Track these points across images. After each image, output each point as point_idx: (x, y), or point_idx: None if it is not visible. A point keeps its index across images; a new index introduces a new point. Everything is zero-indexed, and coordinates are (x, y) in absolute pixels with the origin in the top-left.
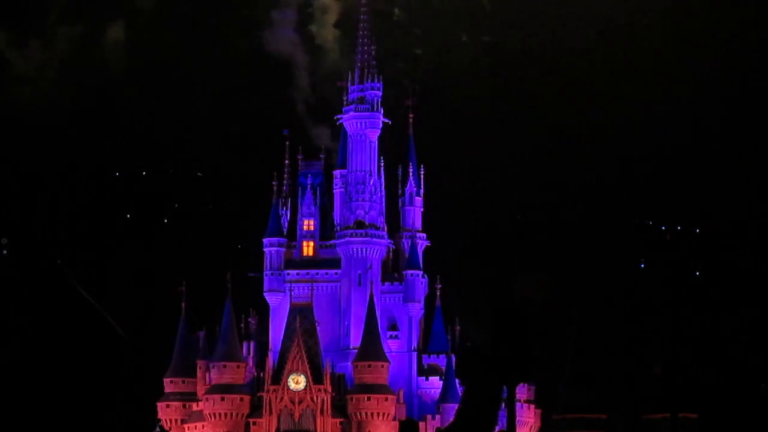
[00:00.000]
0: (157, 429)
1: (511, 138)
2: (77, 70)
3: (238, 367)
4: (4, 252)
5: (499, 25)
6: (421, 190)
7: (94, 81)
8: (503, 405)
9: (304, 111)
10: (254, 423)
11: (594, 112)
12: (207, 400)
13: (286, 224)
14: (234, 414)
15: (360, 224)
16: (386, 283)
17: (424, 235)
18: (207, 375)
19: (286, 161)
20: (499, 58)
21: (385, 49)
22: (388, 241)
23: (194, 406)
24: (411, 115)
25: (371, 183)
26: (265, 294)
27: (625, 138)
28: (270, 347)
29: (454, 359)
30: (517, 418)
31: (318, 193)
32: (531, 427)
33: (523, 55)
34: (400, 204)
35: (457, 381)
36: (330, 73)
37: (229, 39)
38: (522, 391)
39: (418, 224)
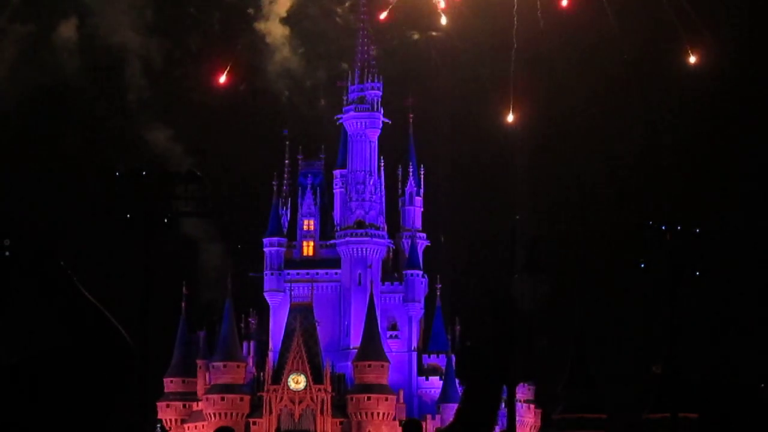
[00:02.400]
0: (158, 429)
1: (507, 137)
2: (30, 68)
3: (238, 367)
4: (6, 253)
5: (450, 22)
6: (421, 190)
7: (48, 79)
8: (503, 405)
9: (135, 104)
10: (254, 423)
11: (590, 109)
12: (207, 400)
13: (286, 224)
14: (234, 414)
15: (360, 224)
16: (386, 283)
17: (424, 235)
18: (207, 375)
19: (286, 161)
20: (459, 56)
21: (336, 49)
22: (388, 241)
23: (194, 406)
24: (411, 115)
25: (371, 183)
26: (265, 294)
27: (621, 135)
28: (270, 347)
29: (454, 359)
30: (517, 418)
31: (318, 193)
32: (531, 427)
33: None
34: (400, 204)
35: (457, 381)
36: (282, 70)
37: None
38: (522, 391)
39: (418, 224)
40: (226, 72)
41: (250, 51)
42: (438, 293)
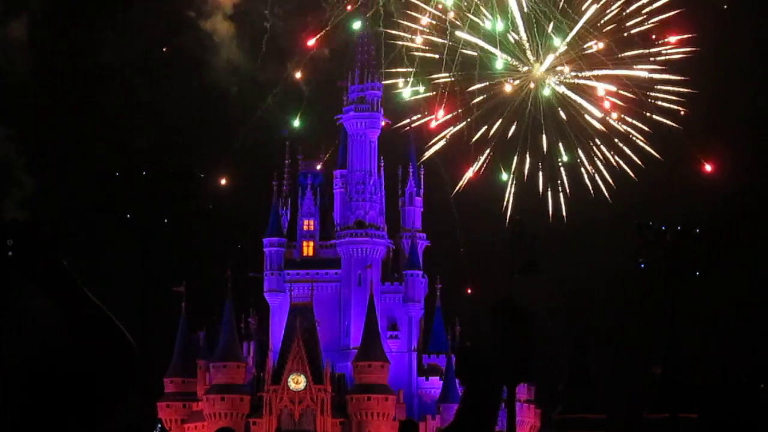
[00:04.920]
0: (158, 428)
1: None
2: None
3: (238, 367)
4: (10, 253)
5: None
6: (421, 190)
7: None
8: (503, 405)
9: None
10: (254, 423)
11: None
12: (207, 400)
13: (286, 224)
14: (234, 414)
15: (360, 224)
16: (386, 283)
17: (424, 235)
18: (207, 375)
19: (286, 161)
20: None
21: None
22: (388, 241)
23: (194, 406)
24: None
25: (371, 183)
26: (265, 294)
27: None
28: (270, 347)
29: (454, 359)
30: (517, 418)
31: (318, 193)
32: (531, 427)
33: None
34: (400, 204)
35: (457, 381)
36: (230, 67)
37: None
38: (522, 391)
39: (418, 224)
40: None
41: (197, 48)
42: (438, 293)
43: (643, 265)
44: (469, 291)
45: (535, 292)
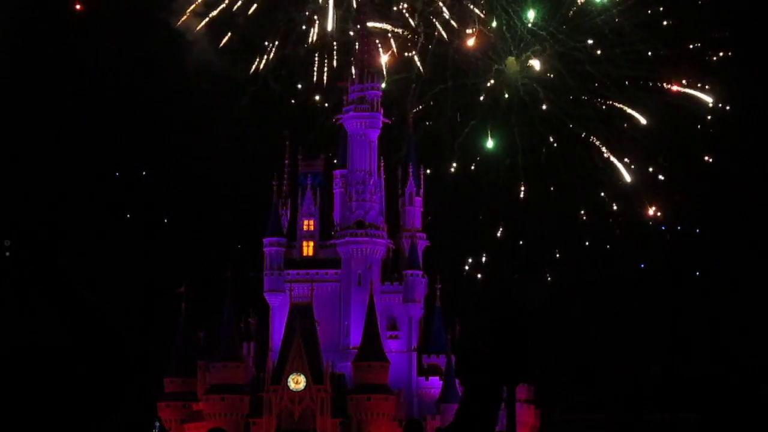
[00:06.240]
0: (157, 427)
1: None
2: None
3: (238, 367)
4: (7, 254)
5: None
6: (421, 190)
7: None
8: (503, 405)
9: None
10: (254, 423)
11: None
12: (207, 400)
13: (286, 224)
14: (234, 414)
15: (360, 224)
16: (386, 283)
17: (424, 234)
18: (207, 375)
19: (286, 161)
20: None
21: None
22: (388, 241)
23: (194, 406)
24: (411, 115)
25: (371, 183)
26: (265, 294)
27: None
28: (270, 347)
29: (454, 359)
30: (517, 418)
31: (318, 193)
32: (531, 427)
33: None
34: (400, 204)
35: (457, 381)
36: (201, 65)
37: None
38: (522, 391)
39: (418, 224)
40: None
41: (169, 46)
42: (438, 293)
43: (643, 265)
44: None
45: (535, 291)
